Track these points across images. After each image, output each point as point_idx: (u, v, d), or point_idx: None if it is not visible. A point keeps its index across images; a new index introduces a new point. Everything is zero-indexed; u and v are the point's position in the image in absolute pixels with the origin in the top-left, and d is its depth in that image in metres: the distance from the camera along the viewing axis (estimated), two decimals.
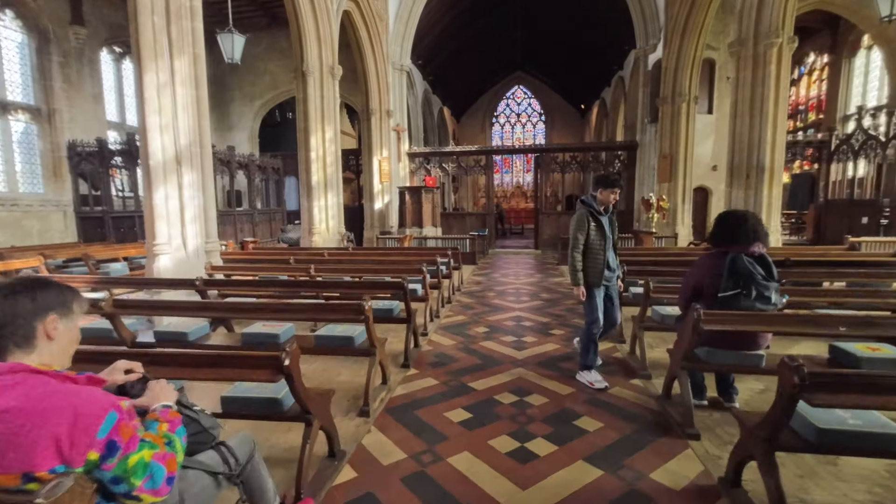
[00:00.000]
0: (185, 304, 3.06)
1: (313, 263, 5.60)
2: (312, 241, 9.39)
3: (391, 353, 4.20)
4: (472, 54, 20.15)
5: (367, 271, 5.30)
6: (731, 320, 2.55)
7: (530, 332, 4.93)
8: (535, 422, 2.89)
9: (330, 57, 9.32)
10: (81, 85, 10.40)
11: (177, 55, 5.15)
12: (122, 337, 3.35)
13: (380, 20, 12.06)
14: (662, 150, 11.91)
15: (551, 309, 6.08)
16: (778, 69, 7.64)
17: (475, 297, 6.96)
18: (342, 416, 2.97)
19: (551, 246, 12.99)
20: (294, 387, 1.92)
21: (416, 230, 12.04)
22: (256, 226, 13.38)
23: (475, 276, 9.08)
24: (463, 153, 14.36)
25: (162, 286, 4.32)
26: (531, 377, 3.64)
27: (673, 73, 11.60)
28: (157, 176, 5.19)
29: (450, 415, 3.00)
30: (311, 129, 9.19)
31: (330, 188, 9.57)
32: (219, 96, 14.99)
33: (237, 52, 7.06)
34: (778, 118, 7.76)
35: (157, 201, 5.22)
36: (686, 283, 2.88)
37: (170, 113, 5.18)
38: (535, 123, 27.04)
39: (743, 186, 8.01)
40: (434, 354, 4.24)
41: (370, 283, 3.84)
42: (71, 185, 10.20)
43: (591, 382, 3.42)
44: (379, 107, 12.53)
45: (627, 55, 15.58)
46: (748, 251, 2.60)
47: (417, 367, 3.91)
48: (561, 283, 8.03)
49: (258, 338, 3.26)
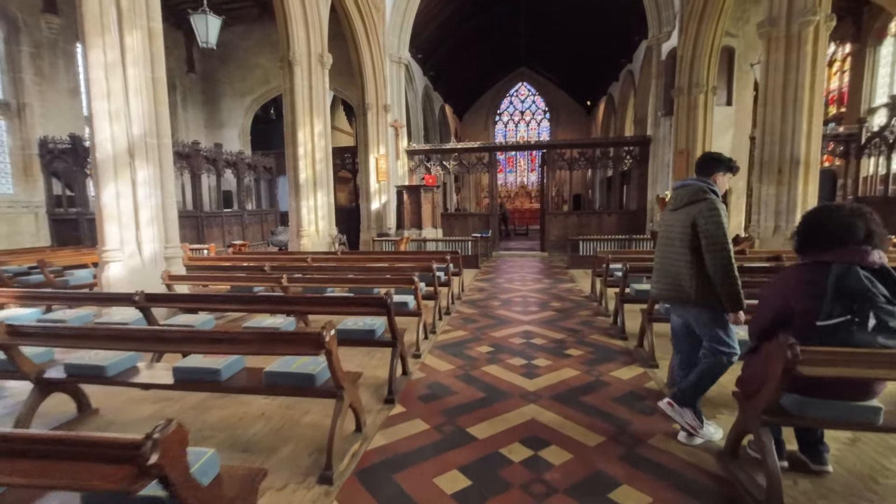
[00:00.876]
0: (94, 332, 2.32)
1: (288, 272, 4.87)
2: (301, 245, 8.65)
3: (374, 382, 3.45)
4: (473, 49, 19.39)
5: (351, 282, 4.55)
6: (844, 361, 1.78)
7: (542, 354, 4.16)
8: (557, 494, 2.12)
9: (319, 44, 8.58)
10: (55, 78, 9.71)
11: (128, 30, 4.43)
12: (24, 371, 2.61)
13: (376, 9, 11.32)
14: (678, 145, 11.10)
15: (564, 322, 5.30)
16: (814, 51, 6.84)
17: (478, 306, 6.19)
18: (297, 483, 2.21)
19: (559, 248, 12.22)
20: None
21: (415, 232, 11.29)
22: (246, 228, 12.68)
23: (478, 281, 8.32)
24: (465, 150, 13.59)
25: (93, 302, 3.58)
26: (547, 419, 2.87)
27: (689, 63, 10.81)
28: (106, 171, 4.49)
29: (441, 481, 2.24)
30: (298, 123, 8.45)
31: (320, 187, 8.83)
32: (208, 92, 14.31)
33: (212, 34, 6.34)
34: (814, 106, 6.96)
35: (105, 200, 4.51)
36: (765, 304, 2.10)
37: (120, 97, 4.47)
38: (539, 121, 26.23)
39: (774, 182, 7.21)
40: (426, 385, 3.47)
41: (342, 300, 3.10)
42: (43, 184, 9.50)
43: (692, 427, 2.50)
44: (375, 101, 11.79)
45: (637, 46, 14.82)
46: (864, 262, 1.83)
47: (405, 403, 3.14)
48: (572, 290, 7.25)
49: (194, 373, 2.51)
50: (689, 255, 2.45)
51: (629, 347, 4.29)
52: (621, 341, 4.48)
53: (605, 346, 4.38)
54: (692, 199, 2.48)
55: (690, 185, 2.54)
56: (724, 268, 2.33)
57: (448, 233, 12.94)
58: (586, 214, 13.69)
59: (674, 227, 2.56)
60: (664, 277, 2.65)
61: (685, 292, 2.48)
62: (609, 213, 13.25)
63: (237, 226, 12.36)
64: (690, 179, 2.59)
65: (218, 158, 11.42)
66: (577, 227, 12.57)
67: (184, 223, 10.82)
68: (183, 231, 10.85)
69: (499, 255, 12.47)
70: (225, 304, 3.33)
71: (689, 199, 2.50)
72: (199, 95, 14.27)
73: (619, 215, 12.95)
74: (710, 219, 2.36)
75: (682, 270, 2.49)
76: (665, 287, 2.64)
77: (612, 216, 12.98)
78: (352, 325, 3.39)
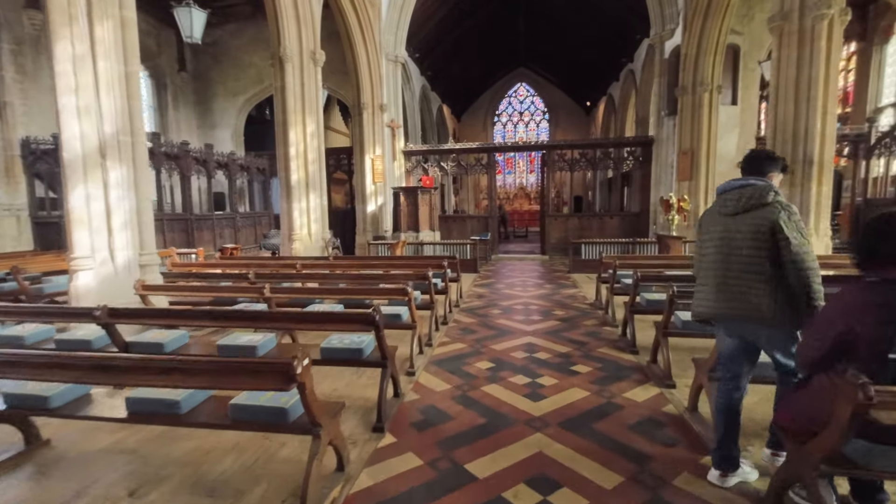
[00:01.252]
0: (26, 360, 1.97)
1: (275, 280, 4.54)
2: (293, 249, 8.30)
3: (363, 405, 3.12)
4: (472, 48, 19.08)
5: (340, 293, 4.21)
6: None
7: (548, 370, 3.82)
8: None
9: (311, 40, 8.25)
10: (38, 76, 9.35)
11: (98, 19, 4.10)
12: None
13: (371, 6, 11.00)
14: (682, 146, 10.79)
15: (569, 332, 4.97)
16: (828, 46, 6.54)
17: (477, 315, 5.86)
18: None
19: (560, 251, 11.89)
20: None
21: (412, 235, 10.94)
22: (239, 231, 12.33)
23: (477, 286, 7.99)
24: (463, 150, 13.25)
25: (46, 316, 3.22)
26: (556, 452, 2.53)
27: (694, 60, 10.51)
28: (75, 172, 4.15)
29: None
30: (290, 122, 8.11)
31: (312, 188, 8.48)
32: (200, 92, 13.96)
33: (197, 28, 6.00)
34: (828, 103, 6.65)
35: (74, 203, 4.17)
36: (820, 329, 1.77)
37: (90, 92, 4.14)
38: (538, 122, 25.92)
39: (787, 183, 6.88)
40: (420, 409, 3.13)
41: (325, 316, 2.76)
42: (26, 186, 9.14)
43: None
44: (371, 101, 11.46)
45: (639, 45, 14.53)
46: None
47: (396, 431, 2.80)
48: (575, 297, 6.92)
49: (150, 405, 2.18)
50: (766, 269, 2.06)
51: (641, 363, 3.95)
52: (632, 355, 4.15)
53: (614, 360, 4.05)
54: (761, 202, 2.09)
55: (754, 186, 2.14)
56: (813, 283, 1.99)
57: (446, 235, 12.61)
58: (587, 217, 13.37)
59: (739, 234, 2.14)
60: (725, 293, 2.18)
61: (759, 311, 2.07)
62: (611, 215, 12.93)
63: (229, 229, 12.01)
64: (745, 179, 2.21)
65: (208, 159, 11.08)
66: (578, 230, 12.25)
67: (173, 226, 10.51)
68: (172, 234, 10.62)
69: (498, 259, 12.14)
70: (196, 319, 2.99)
71: (757, 201, 2.10)
72: (191, 95, 13.91)
73: (622, 218, 12.63)
74: (794, 227, 2.02)
75: (755, 286, 2.09)
76: (730, 305, 2.18)
77: (613, 219, 12.66)
78: (337, 343, 3.05)
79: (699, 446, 2.58)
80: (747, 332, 2.20)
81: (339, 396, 3.34)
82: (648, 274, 4.45)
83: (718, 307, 2.22)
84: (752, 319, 2.11)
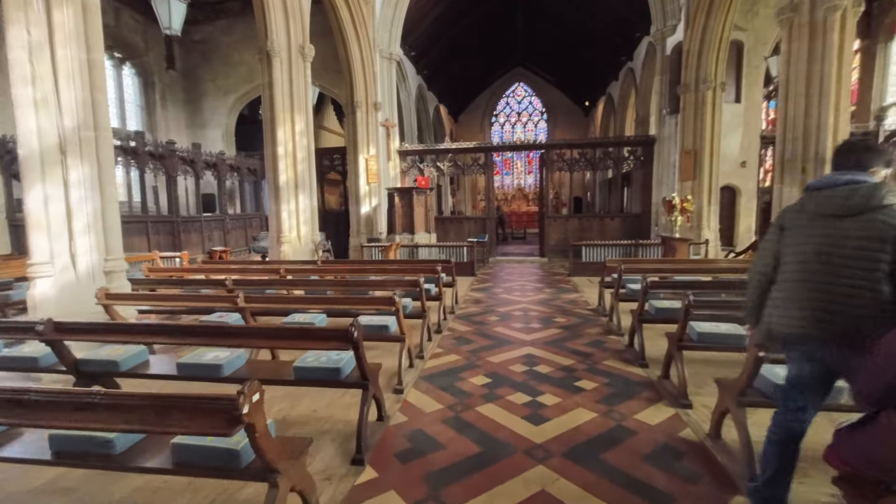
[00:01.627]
0: None
1: (255, 287, 4.19)
2: (281, 252, 7.95)
3: (343, 430, 2.78)
4: (469, 47, 18.75)
5: (324, 303, 3.86)
6: None
7: (550, 386, 3.47)
8: None
9: (300, 34, 7.91)
10: None
11: (56, 4, 3.75)
12: None
13: (364, 2, 10.67)
14: (685, 145, 10.47)
15: (572, 342, 4.62)
16: (841, 39, 6.24)
17: (473, 322, 5.51)
18: None
19: (559, 253, 11.56)
20: None
21: (408, 237, 10.58)
22: (228, 233, 11.95)
23: (474, 290, 7.64)
24: (460, 150, 12.92)
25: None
26: (561, 490, 2.19)
27: (696, 57, 10.20)
28: (32, 170, 3.79)
29: None
30: (277, 120, 7.76)
31: (301, 189, 8.13)
32: (190, 90, 13.60)
33: (176, 20, 5.65)
34: (841, 99, 6.35)
35: (31, 205, 3.82)
36: (885, 361, 1.43)
37: (48, 83, 3.77)
38: (536, 122, 25.62)
39: (798, 182, 6.56)
40: (407, 434, 2.78)
41: (296, 332, 2.41)
42: (2, 187, 8.77)
43: None
44: (365, 99, 11.11)
45: (639, 43, 14.24)
46: None
47: (377, 464, 2.45)
48: (577, 302, 6.58)
49: (78, 443, 1.82)
50: (880, 285, 1.67)
51: (651, 378, 3.61)
52: (641, 369, 3.81)
53: (622, 375, 3.71)
54: (879, 204, 1.68)
55: (867, 184, 1.74)
56: None
57: (442, 237, 12.26)
58: (587, 218, 13.04)
59: (847, 241, 1.73)
60: (819, 311, 1.77)
61: (861, 334, 1.67)
62: (611, 216, 12.61)
63: (218, 231, 11.64)
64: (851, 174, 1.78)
65: (196, 159, 10.71)
66: (578, 232, 11.92)
67: (158, 229, 10.13)
68: (157, 237, 10.23)
69: (496, 261, 11.80)
70: (151, 335, 2.64)
71: (873, 202, 1.69)
72: (180, 94, 13.55)
73: (623, 219, 12.31)
74: None
75: (865, 305, 1.68)
76: (823, 325, 1.76)
77: (614, 220, 12.35)
78: (313, 361, 2.70)
79: (726, 482, 2.24)
80: (837, 358, 1.78)
81: (318, 419, 3.00)
82: (657, 279, 4.11)
83: (808, 326, 1.79)
84: (851, 344, 1.71)
